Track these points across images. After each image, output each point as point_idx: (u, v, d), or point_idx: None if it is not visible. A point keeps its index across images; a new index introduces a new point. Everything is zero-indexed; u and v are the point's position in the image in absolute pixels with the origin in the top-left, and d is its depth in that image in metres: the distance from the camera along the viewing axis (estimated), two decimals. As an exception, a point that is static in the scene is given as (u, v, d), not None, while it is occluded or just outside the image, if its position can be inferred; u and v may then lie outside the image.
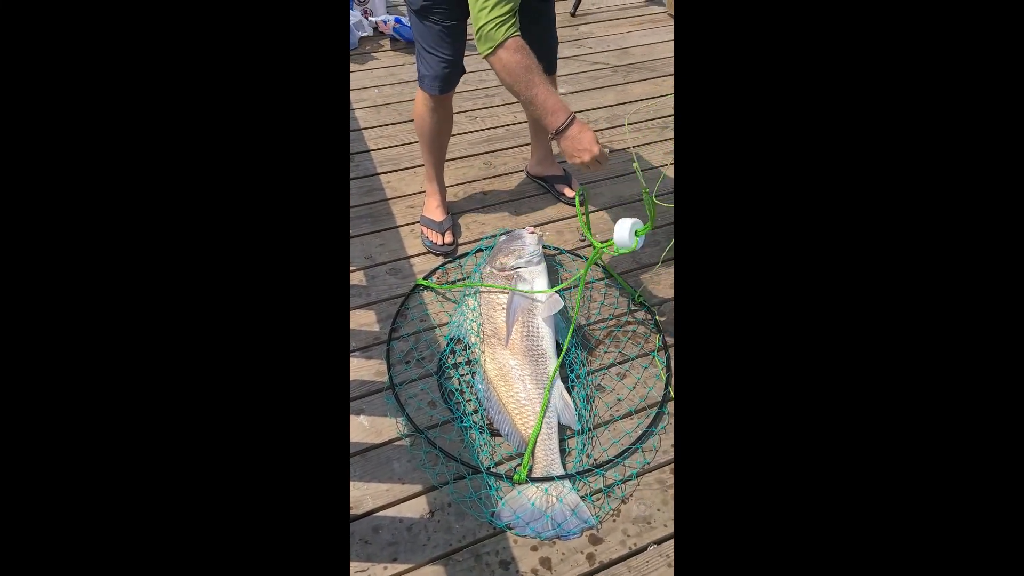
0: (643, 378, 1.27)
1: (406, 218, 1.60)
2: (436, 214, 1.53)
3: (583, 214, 1.28)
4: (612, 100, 2.07)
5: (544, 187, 1.70)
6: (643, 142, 1.87)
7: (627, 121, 1.16)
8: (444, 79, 1.29)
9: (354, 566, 0.97)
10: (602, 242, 1.24)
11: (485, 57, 1.08)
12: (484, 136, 1.89)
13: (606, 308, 1.41)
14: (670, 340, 1.35)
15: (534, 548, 1.01)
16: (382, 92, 2.06)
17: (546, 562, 0.99)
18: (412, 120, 1.49)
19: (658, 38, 2.39)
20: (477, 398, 1.20)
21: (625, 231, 1.14)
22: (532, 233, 1.40)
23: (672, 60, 2.29)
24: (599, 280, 1.47)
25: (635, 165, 1.16)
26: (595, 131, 2.01)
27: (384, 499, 1.05)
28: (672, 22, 2.51)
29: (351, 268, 1.45)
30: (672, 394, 1.24)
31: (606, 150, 1.13)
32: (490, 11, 1.02)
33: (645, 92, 2.11)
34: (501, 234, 1.49)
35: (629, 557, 1.01)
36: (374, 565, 0.97)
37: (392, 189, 1.68)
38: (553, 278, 1.40)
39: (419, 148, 1.52)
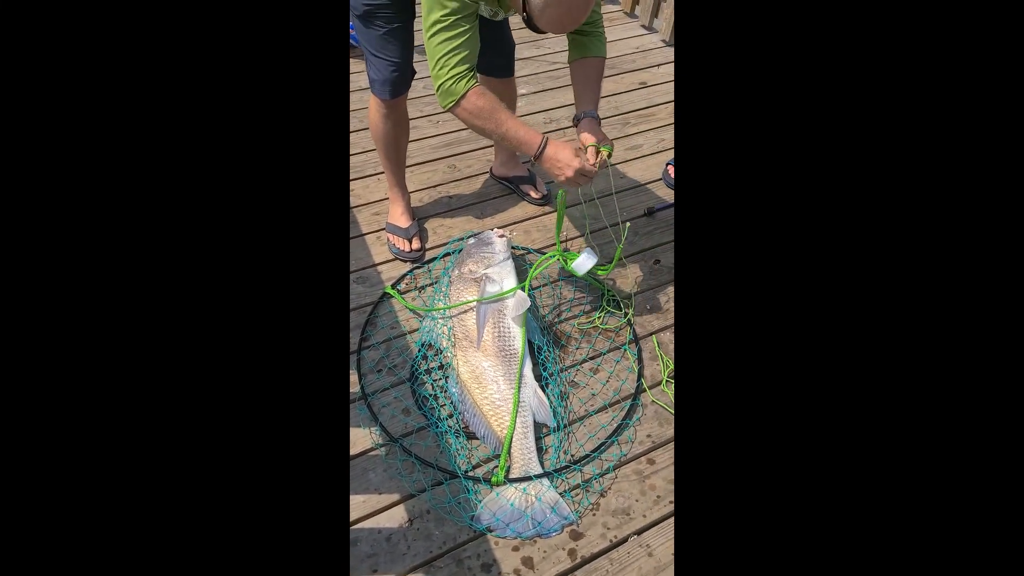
0: (615, 371, 1.28)
1: (372, 225, 1.58)
2: (401, 220, 1.52)
3: (560, 218, 1.31)
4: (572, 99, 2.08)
5: (509, 188, 1.71)
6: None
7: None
8: (394, 83, 1.28)
9: (333, 581, 0.95)
10: (564, 251, 1.32)
11: (448, 110, 1.10)
12: (446, 140, 1.89)
13: (577, 305, 1.42)
14: (640, 332, 1.36)
15: (515, 548, 1.01)
16: (342, 100, 2.04)
17: (528, 561, 0.99)
18: (371, 127, 1.48)
19: (615, 36, 2.42)
20: (451, 402, 1.19)
21: (585, 268, 1.25)
22: (501, 237, 1.40)
23: (631, 56, 2.33)
24: (569, 277, 1.47)
25: (623, 239, 1.30)
26: (558, 130, 2.01)
27: (361, 511, 1.04)
28: (628, 20, 2.55)
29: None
30: (645, 385, 1.26)
31: (588, 162, 1.13)
32: (450, 69, 1.05)
33: (605, 89, 2.13)
34: (468, 237, 1.49)
35: (610, 550, 1.02)
36: (354, 579, 0.95)
37: (356, 197, 1.66)
38: (522, 278, 1.40)
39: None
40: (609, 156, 1.17)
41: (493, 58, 1.40)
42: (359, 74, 2.17)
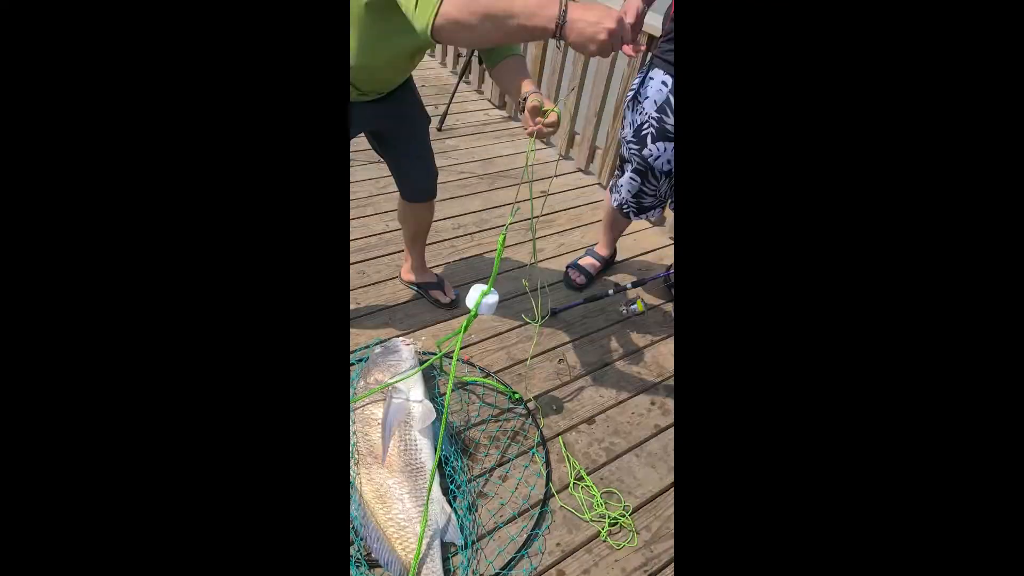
0: (524, 477, 1.29)
1: (274, 336, 1.53)
2: (306, 329, 1.49)
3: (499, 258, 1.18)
4: (479, 206, 2.23)
5: (419, 293, 1.75)
6: (510, 243, 2.03)
7: (509, 220, 1.17)
8: None
9: None
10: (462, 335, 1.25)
11: (433, 25, 0.86)
12: (357, 245, 1.92)
13: (484, 409, 1.44)
14: (548, 434, 1.40)
15: None
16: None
17: None
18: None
19: (517, 149, 2.67)
20: (352, 527, 1.13)
21: (476, 295, 1.20)
22: (408, 345, 1.41)
23: (532, 167, 2.56)
24: (474, 382, 1.50)
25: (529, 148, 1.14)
26: (465, 235, 2.10)
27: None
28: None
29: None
30: (553, 490, 1.27)
31: (624, 19, 0.84)
32: None
33: (509, 197, 2.31)
34: (375, 344, 1.49)
35: None
36: None
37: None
38: (430, 386, 1.41)
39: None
40: (559, 117, 1.04)
41: (418, 183, 1.50)
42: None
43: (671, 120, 1.44)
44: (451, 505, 1.17)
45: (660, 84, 1.43)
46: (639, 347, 1.70)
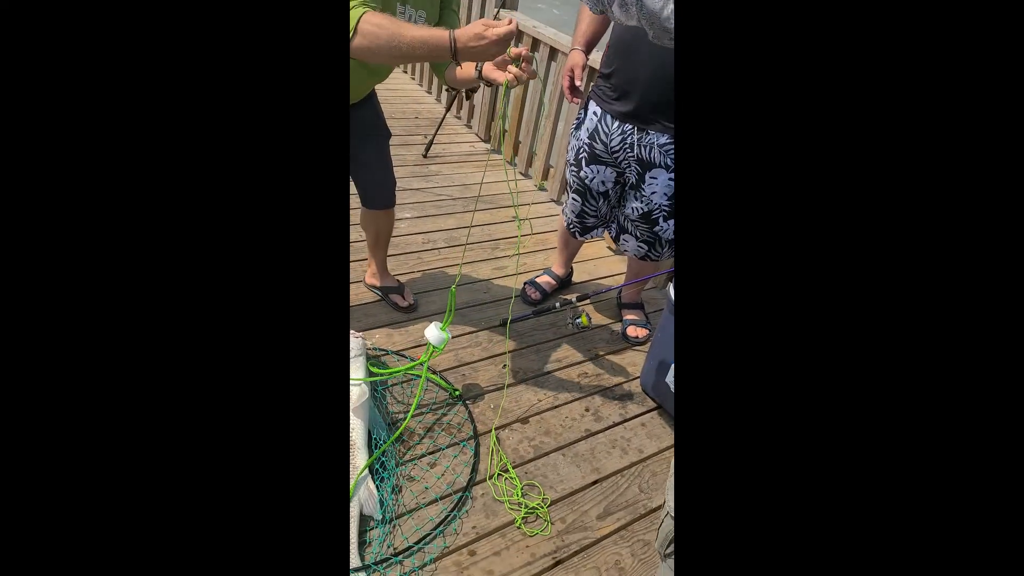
0: (452, 466, 1.36)
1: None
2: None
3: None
4: (452, 225, 2.37)
5: (380, 296, 1.86)
6: (475, 260, 2.15)
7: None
8: None
9: None
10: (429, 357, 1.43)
11: (351, 43, 1.04)
12: (328, 251, 2.04)
13: (424, 403, 1.52)
14: (481, 429, 1.47)
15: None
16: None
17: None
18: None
19: (496, 178, 2.84)
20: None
21: (434, 331, 1.36)
22: (356, 336, 1.51)
23: (506, 195, 2.72)
24: (418, 377, 1.59)
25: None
26: (433, 249, 2.22)
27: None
28: (507, 167, 3.01)
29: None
30: (478, 477, 1.34)
31: (499, 27, 1.03)
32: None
33: (480, 219, 2.45)
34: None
35: (419, 646, 1.01)
36: None
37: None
38: (373, 375, 1.50)
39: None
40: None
41: (370, 191, 1.64)
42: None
43: (599, 145, 1.60)
44: (375, 483, 1.24)
45: (592, 114, 1.60)
46: (582, 359, 1.79)
